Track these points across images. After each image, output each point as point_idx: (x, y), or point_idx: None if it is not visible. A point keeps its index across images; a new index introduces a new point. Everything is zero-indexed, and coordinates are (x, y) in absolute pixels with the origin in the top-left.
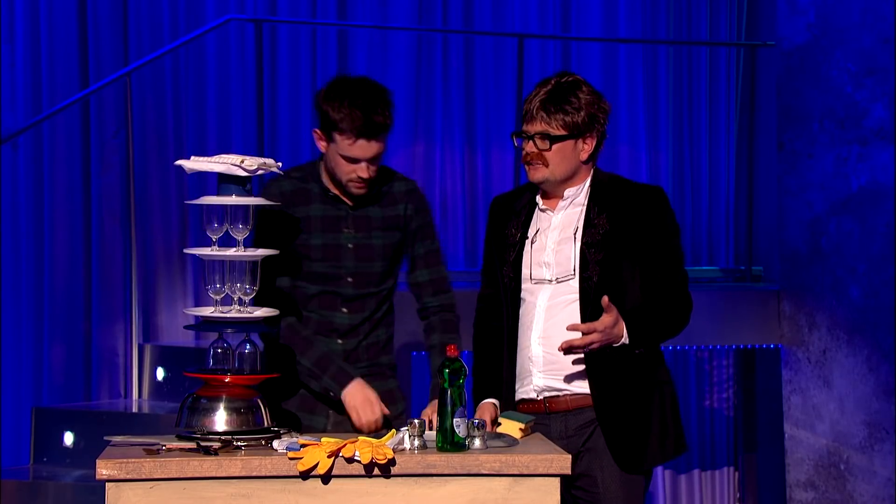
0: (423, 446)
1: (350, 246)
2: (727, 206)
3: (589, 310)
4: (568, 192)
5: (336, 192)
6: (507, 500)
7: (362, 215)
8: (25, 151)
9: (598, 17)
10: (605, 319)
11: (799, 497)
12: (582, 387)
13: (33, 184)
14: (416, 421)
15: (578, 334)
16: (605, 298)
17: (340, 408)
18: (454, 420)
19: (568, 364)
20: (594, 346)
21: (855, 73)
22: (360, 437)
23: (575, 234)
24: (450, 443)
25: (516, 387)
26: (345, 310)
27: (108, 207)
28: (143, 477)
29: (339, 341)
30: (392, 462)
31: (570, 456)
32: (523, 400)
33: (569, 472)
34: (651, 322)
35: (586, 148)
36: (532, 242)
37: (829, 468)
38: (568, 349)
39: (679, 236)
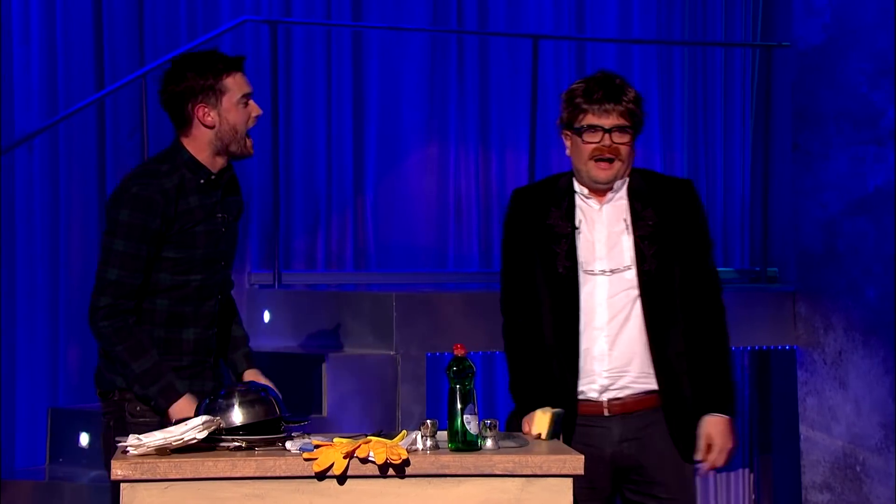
0: (436, 446)
1: (223, 230)
2: (742, 207)
3: (649, 304)
4: (617, 183)
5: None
6: (520, 500)
7: (229, 199)
8: (41, 153)
9: (613, 18)
10: (716, 443)
11: (814, 499)
12: (648, 383)
13: (49, 185)
14: (428, 421)
15: None
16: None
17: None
18: (464, 417)
19: (635, 360)
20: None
21: (871, 73)
22: (372, 438)
23: (626, 226)
24: (461, 442)
25: (579, 385)
26: (220, 296)
27: None
28: (158, 477)
29: (214, 330)
30: (406, 462)
31: (582, 456)
32: (583, 399)
33: (581, 472)
34: (721, 372)
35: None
36: (579, 233)
37: (844, 470)
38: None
39: (708, 228)
